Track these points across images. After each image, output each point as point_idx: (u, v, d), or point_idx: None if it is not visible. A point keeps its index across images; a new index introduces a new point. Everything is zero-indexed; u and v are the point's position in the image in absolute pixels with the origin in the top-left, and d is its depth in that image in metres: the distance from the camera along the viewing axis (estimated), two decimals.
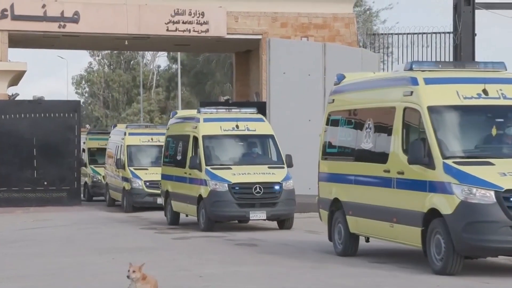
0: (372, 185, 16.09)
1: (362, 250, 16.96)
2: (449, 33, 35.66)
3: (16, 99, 37.59)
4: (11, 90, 38.63)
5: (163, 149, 27.28)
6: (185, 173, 24.10)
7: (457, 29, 35.04)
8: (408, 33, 35.94)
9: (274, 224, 23.37)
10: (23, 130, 33.51)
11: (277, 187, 22.66)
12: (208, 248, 18.91)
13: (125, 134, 32.68)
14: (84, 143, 39.40)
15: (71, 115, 34.36)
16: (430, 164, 14.21)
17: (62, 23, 34.02)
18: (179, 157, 24.98)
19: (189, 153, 23.93)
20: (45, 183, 33.71)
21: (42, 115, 33.93)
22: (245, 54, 39.01)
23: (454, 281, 13.37)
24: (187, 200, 23.90)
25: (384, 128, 16.00)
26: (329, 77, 31.07)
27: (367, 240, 16.96)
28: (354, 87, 17.65)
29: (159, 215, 27.22)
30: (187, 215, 24.82)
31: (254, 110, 24.91)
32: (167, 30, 34.59)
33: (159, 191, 29.31)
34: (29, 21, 33.89)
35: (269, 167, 23.29)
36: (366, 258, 16.32)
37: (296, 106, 28.84)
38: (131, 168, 31.56)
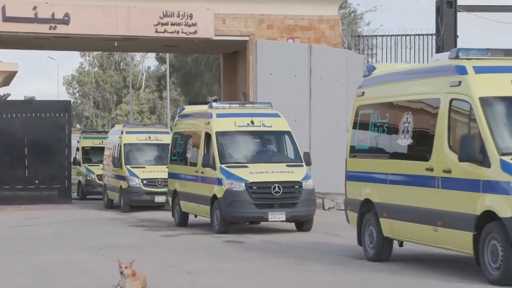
0: (411, 184, 14.49)
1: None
2: (431, 35, 35.73)
3: (7, 99, 37.52)
4: (3, 90, 38.59)
5: (169, 146, 25.69)
6: (197, 171, 22.61)
7: (440, 31, 35.14)
8: (391, 35, 35.97)
9: (288, 225, 22.06)
10: (14, 129, 33.46)
11: (297, 187, 21.12)
12: (196, 245, 18.88)
13: (122, 132, 31.70)
14: (78, 142, 39.24)
15: (61, 115, 34.32)
16: (484, 162, 12.63)
17: (52, 25, 33.91)
18: (189, 155, 23.53)
19: (201, 151, 22.40)
20: (36, 181, 33.66)
21: (33, 115, 33.87)
22: (232, 55, 38.98)
23: None
24: (198, 200, 22.39)
25: (425, 123, 14.38)
26: (315, 77, 31.17)
27: (401, 244, 15.69)
28: (388, 79, 15.99)
29: (157, 214, 27.08)
30: (196, 216, 23.45)
31: (269, 105, 23.51)
32: (156, 31, 34.51)
33: (157, 190, 29.31)
34: (20, 23, 33.78)
35: (287, 166, 21.76)
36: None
37: (282, 106, 28.75)
38: (128, 167, 30.50)
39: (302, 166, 21.79)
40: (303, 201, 21.09)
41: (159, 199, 29.48)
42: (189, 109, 25.66)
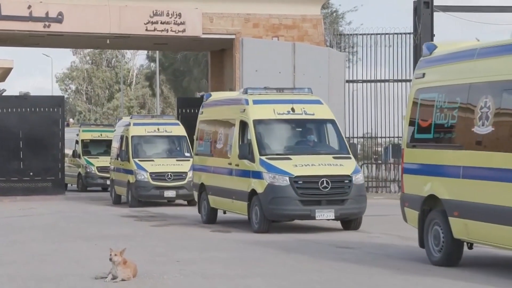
0: (492, 179, 11.95)
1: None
2: (409, 33, 35.76)
3: (3, 94, 37.39)
4: None
5: (195, 136, 22.79)
6: (230, 163, 19.88)
7: (417, 30, 35.17)
8: (371, 34, 35.99)
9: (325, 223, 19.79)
10: (10, 124, 33.36)
11: (346, 181, 18.48)
12: (185, 235, 18.84)
13: (129, 124, 29.23)
14: (77, 135, 38.51)
15: (55, 109, 34.23)
16: None
17: (47, 23, 33.80)
18: (219, 145, 20.82)
19: (236, 141, 19.67)
20: (31, 173, 33.57)
21: (28, 109, 33.77)
22: (219, 53, 38.92)
23: None
24: (232, 196, 19.74)
25: (509, 107, 11.91)
26: (298, 74, 31.13)
27: (470, 246, 13.36)
28: (457, 57, 13.35)
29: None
30: (225, 212, 21.06)
31: (309, 90, 20.59)
32: (146, 30, 34.44)
33: (166, 184, 27.28)
34: (16, 21, 33.65)
35: (334, 158, 19.02)
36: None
37: None
38: (136, 160, 27.86)
39: (350, 158, 19.20)
40: (353, 197, 18.50)
41: (169, 194, 27.49)
42: (217, 95, 22.97)
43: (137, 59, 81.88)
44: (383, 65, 35.93)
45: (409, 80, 31.31)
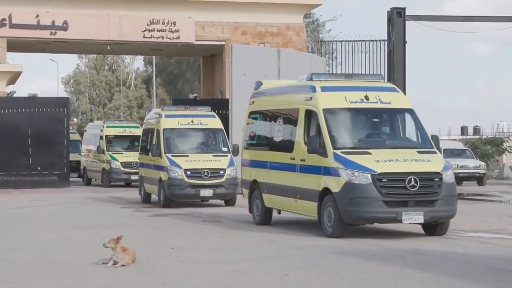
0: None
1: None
2: (383, 40, 35.85)
3: (13, 96, 37.29)
4: (9, 88, 38.29)
5: (244, 128, 19.03)
6: (293, 158, 16.27)
7: (391, 37, 35.25)
8: (349, 41, 36.08)
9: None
10: (19, 122, 33.28)
11: (436, 180, 14.88)
12: (180, 224, 18.80)
13: (160, 116, 24.60)
14: (101, 130, 35.96)
15: (61, 109, 34.12)
16: None
17: (53, 31, 33.76)
18: (277, 138, 17.18)
19: (300, 133, 16.17)
20: (39, 168, 33.47)
21: (36, 109, 33.66)
22: (211, 58, 38.89)
23: None
24: (296, 195, 16.16)
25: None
26: (283, 77, 31.08)
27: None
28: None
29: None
30: (279, 212, 17.84)
31: (381, 77, 17.25)
32: (144, 37, 34.43)
33: (202, 182, 22.86)
34: (25, 29, 33.61)
35: (418, 152, 15.40)
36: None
37: None
38: (169, 155, 23.38)
39: (436, 153, 15.61)
40: (444, 198, 14.91)
41: (205, 193, 22.96)
42: (271, 83, 19.14)
43: (136, 63, 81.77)
44: (360, 69, 35.99)
45: None
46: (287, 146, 16.61)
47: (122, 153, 34.45)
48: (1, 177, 32.93)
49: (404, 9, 35.44)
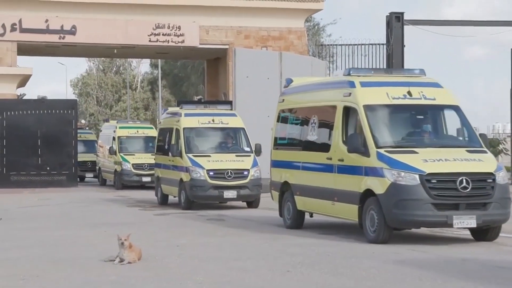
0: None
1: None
2: (382, 44, 35.83)
3: (23, 98, 37.32)
4: (19, 91, 38.31)
5: (273, 127, 17.71)
6: (329, 158, 14.85)
7: (389, 41, 35.22)
8: (349, 44, 36.07)
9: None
10: (29, 124, 33.32)
11: (489, 181, 13.43)
12: (184, 223, 18.79)
13: (180, 115, 23.17)
14: (114, 131, 34.40)
15: (69, 111, 34.14)
16: None
17: (62, 35, 33.77)
18: (312, 137, 15.72)
19: (338, 131, 14.74)
20: (48, 168, 33.50)
21: (45, 111, 33.70)
22: (215, 61, 38.88)
23: None
24: (333, 197, 14.75)
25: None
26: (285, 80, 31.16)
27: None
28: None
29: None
30: (311, 215, 16.60)
31: (422, 71, 15.32)
32: (150, 41, 34.43)
33: (226, 183, 21.33)
34: (35, 33, 33.63)
35: (468, 151, 13.95)
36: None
37: (257, 104, 28.78)
38: (190, 155, 21.89)
39: (486, 152, 14.11)
40: (498, 201, 13.43)
41: (229, 194, 21.47)
42: (302, 79, 17.58)
43: (142, 67, 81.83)
44: None
45: None
46: (322, 145, 15.21)
47: (133, 155, 33.04)
48: (12, 176, 32.99)
49: (402, 13, 35.43)
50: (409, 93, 14.54)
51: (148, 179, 31.64)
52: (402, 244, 13.65)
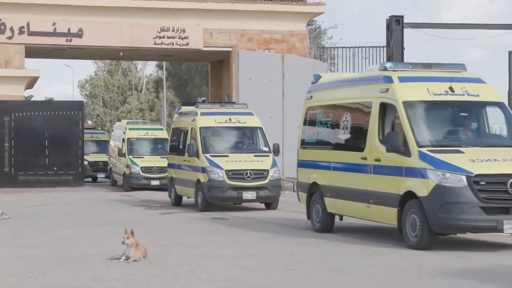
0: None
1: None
2: (383, 47, 35.81)
3: (31, 100, 37.34)
4: (27, 93, 38.34)
5: (300, 125, 16.45)
6: (364, 158, 13.70)
7: (390, 44, 35.20)
8: (349, 47, 36.04)
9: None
10: (37, 125, 33.34)
11: None
12: (188, 221, 18.80)
13: (195, 114, 22.11)
14: (124, 133, 33.04)
15: (76, 112, 34.16)
16: None
17: (69, 38, 33.80)
18: (344, 135, 14.57)
19: (374, 129, 13.59)
20: (55, 168, 33.51)
21: (52, 112, 33.71)
22: (218, 63, 38.89)
23: None
24: (369, 199, 13.59)
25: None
26: (287, 82, 31.18)
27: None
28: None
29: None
30: (341, 218, 15.52)
31: (462, 67, 14.10)
32: (155, 43, 34.45)
33: (245, 184, 20.33)
34: (42, 36, 33.66)
35: None
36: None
37: (260, 105, 28.79)
38: (208, 155, 20.88)
39: None
40: None
41: (248, 195, 20.47)
42: (331, 76, 16.79)
43: (147, 69, 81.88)
44: None
45: None
46: (356, 144, 14.01)
47: (142, 157, 31.60)
48: (20, 176, 33.03)
49: (402, 17, 35.42)
50: (451, 89, 13.37)
51: (157, 182, 30.70)
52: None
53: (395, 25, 35.10)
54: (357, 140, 14.07)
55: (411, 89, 13.31)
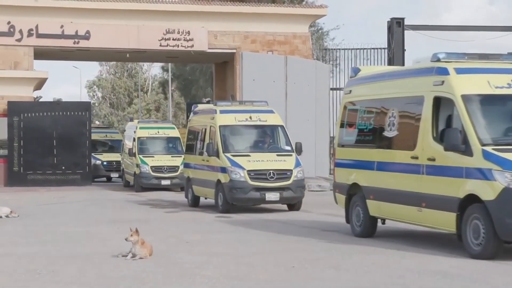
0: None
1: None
2: (384, 48, 35.76)
3: (39, 100, 37.36)
4: (36, 94, 38.35)
5: (338, 121, 15.39)
6: (415, 157, 12.31)
7: (391, 45, 35.17)
8: (351, 48, 35.99)
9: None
10: (45, 125, 33.34)
11: None
12: (193, 220, 18.79)
13: (214, 112, 20.83)
14: (134, 132, 31.70)
15: (83, 113, 34.15)
16: None
17: (76, 40, 33.78)
18: (391, 133, 13.18)
19: (427, 126, 12.21)
20: (63, 167, 33.49)
21: (60, 113, 33.71)
22: (222, 65, 38.87)
23: None
24: (420, 203, 12.18)
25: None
26: (290, 83, 31.14)
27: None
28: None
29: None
30: (383, 222, 14.11)
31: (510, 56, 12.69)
32: (160, 45, 34.41)
33: (268, 184, 19.17)
34: (50, 38, 33.66)
35: None
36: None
37: None
38: (228, 155, 19.66)
39: None
40: None
41: (271, 196, 19.33)
42: (371, 69, 15.63)
43: (153, 70, 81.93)
44: None
45: None
46: (405, 142, 12.63)
47: (153, 157, 30.17)
48: (29, 175, 33.05)
49: (403, 19, 35.38)
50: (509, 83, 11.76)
51: (167, 182, 29.54)
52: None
53: (396, 27, 35.08)
54: (406, 137, 12.65)
55: (470, 82, 11.76)
